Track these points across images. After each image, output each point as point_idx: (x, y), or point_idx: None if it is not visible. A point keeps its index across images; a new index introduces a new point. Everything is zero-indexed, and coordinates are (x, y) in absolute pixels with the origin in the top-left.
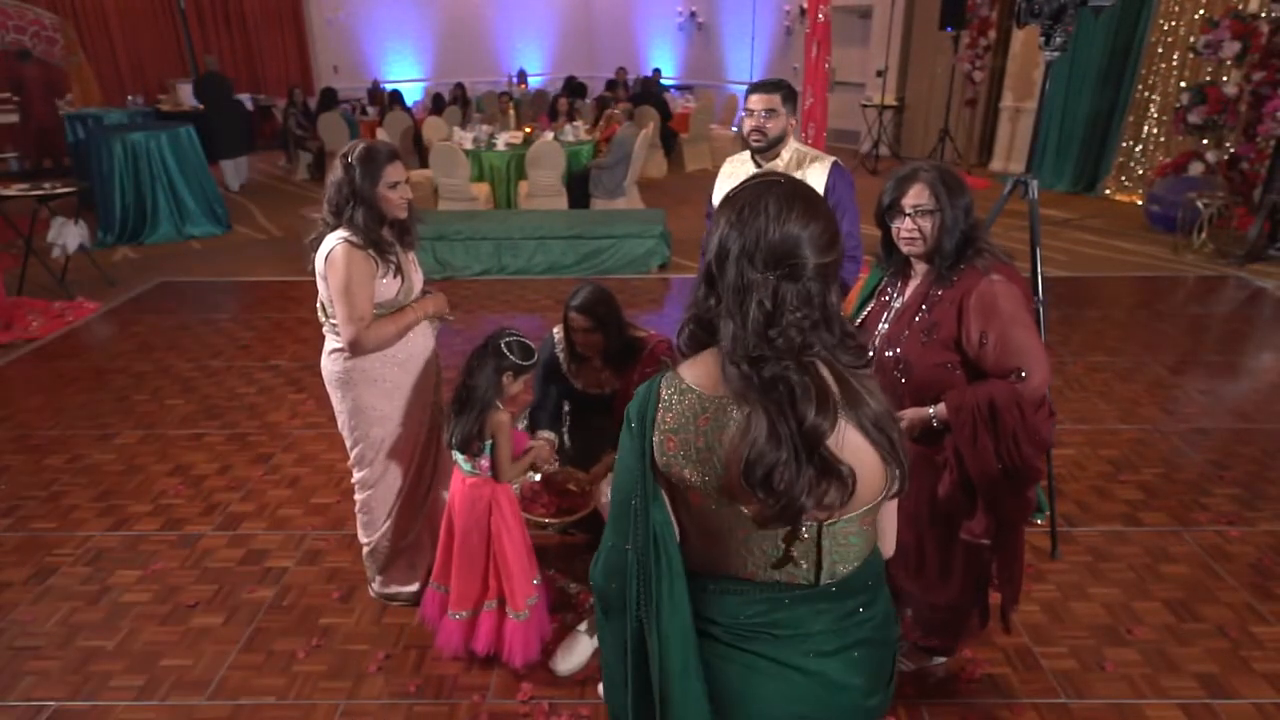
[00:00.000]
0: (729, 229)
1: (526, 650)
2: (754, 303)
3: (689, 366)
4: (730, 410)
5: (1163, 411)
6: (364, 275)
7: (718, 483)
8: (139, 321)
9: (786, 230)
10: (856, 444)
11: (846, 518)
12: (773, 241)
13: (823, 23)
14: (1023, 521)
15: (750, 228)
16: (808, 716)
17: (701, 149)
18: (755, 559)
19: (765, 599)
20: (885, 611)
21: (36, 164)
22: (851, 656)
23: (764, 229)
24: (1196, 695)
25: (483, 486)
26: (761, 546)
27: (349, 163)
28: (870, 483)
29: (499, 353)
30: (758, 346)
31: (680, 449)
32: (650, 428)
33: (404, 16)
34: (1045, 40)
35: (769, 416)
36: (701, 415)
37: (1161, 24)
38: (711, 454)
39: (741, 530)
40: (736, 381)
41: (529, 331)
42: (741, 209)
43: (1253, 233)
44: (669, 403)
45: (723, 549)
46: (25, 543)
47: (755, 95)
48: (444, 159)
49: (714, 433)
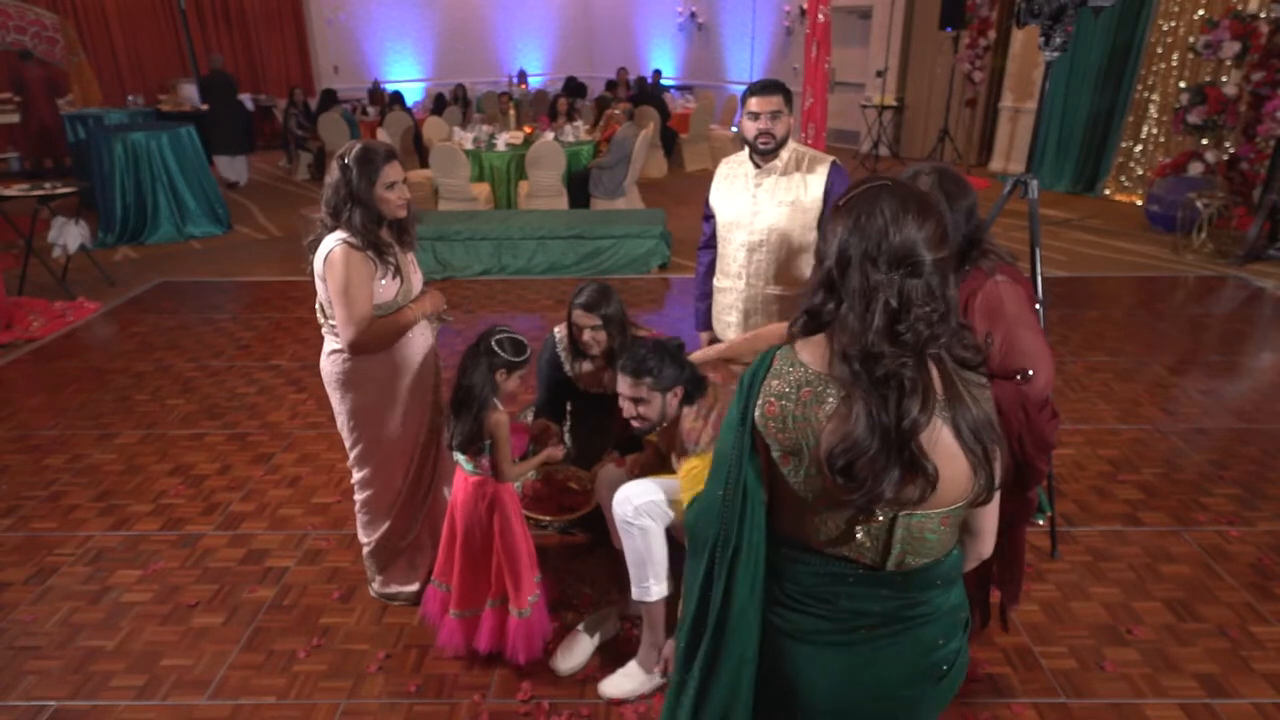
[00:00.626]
0: (848, 235)
1: (530, 648)
2: (880, 302)
3: (804, 345)
4: (831, 390)
5: (1163, 411)
6: (363, 277)
7: (808, 453)
8: (139, 321)
9: (905, 231)
10: (948, 445)
11: (924, 513)
12: (893, 243)
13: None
14: (1024, 522)
15: (870, 232)
16: (838, 689)
17: (701, 149)
18: (827, 530)
19: (829, 573)
20: (951, 615)
21: (37, 164)
22: (899, 645)
23: (884, 231)
24: (1196, 695)
25: (485, 485)
26: (835, 520)
27: (346, 164)
28: (955, 485)
29: (491, 351)
30: (878, 343)
31: (780, 415)
32: (757, 391)
33: (404, 17)
34: (1045, 40)
35: (870, 411)
36: (805, 388)
37: (1161, 24)
38: (807, 425)
39: (819, 501)
40: (846, 375)
41: (529, 332)
42: (859, 215)
43: (1252, 233)
44: (779, 371)
45: (799, 515)
46: (25, 543)
47: (758, 99)
48: (444, 159)
49: (812, 406)
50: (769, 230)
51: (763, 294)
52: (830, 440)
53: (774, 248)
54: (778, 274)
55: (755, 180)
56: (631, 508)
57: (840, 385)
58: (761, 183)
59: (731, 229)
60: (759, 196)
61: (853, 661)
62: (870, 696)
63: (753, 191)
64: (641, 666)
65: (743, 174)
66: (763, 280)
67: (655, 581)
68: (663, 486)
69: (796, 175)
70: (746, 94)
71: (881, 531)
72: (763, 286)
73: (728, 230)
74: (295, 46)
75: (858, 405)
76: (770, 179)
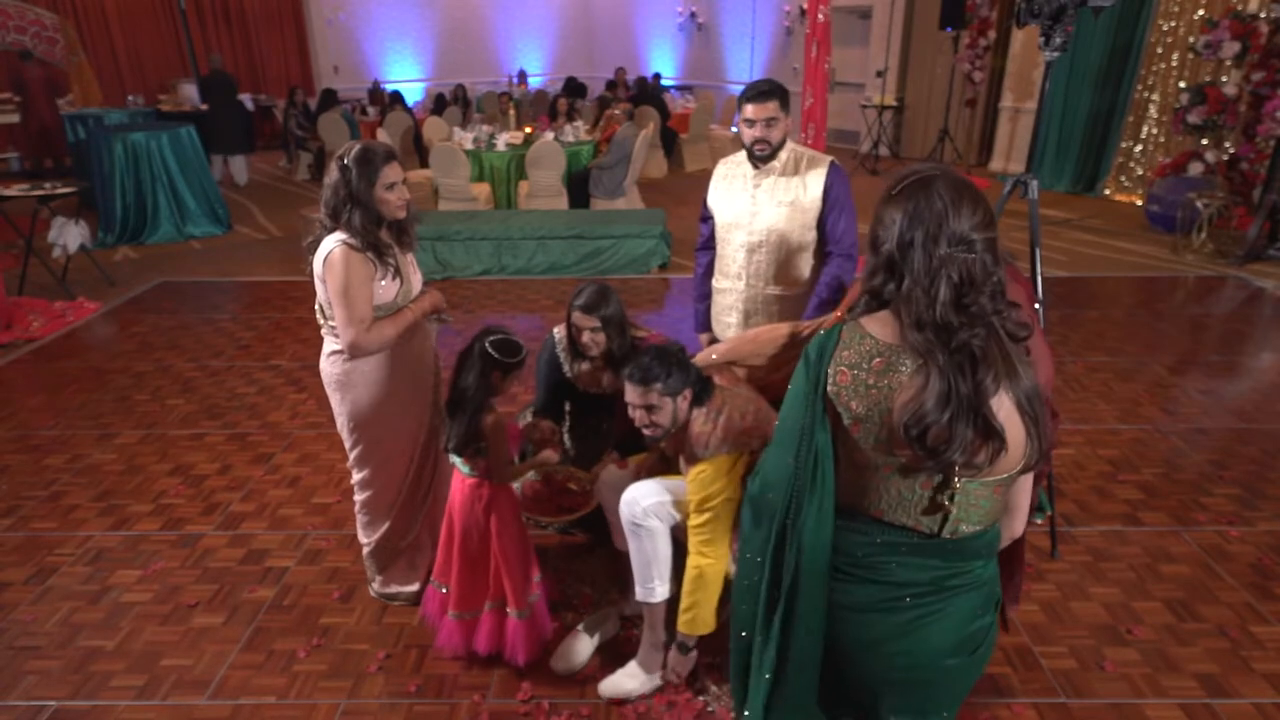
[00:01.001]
0: (909, 219)
1: (529, 649)
2: (944, 278)
3: (870, 320)
4: (904, 359)
5: (1163, 411)
6: (362, 278)
7: (880, 420)
8: (139, 321)
9: (961, 213)
10: (1009, 413)
11: (982, 480)
12: (951, 225)
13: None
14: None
15: (930, 215)
16: (885, 658)
17: (701, 149)
18: (889, 499)
19: (885, 542)
20: (989, 587)
21: (37, 164)
22: (943, 615)
23: (943, 214)
24: (1196, 695)
25: (482, 487)
26: (899, 488)
27: (345, 165)
28: (1014, 450)
29: (485, 353)
30: (947, 314)
31: (852, 383)
32: (828, 361)
33: (404, 17)
34: (1045, 40)
35: (946, 379)
36: (877, 358)
37: (1161, 24)
38: (880, 394)
39: (886, 468)
40: (922, 344)
41: (529, 332)
42: (918, 201)
43: (1252, 233)
44: (849, 342)
45: (864, 483)
46: (25, 543)
47: (752, 105)
48: (444, 159)
49: (886, 374)
50: (768, 231)
51: (763, 294)
52: (905, 407)
53: (773, 248)
54: (777, 274)
55: (754, 181)
56: (640, 508)
57: (915, 355)
58: (760, 183)
59: (730, 230)
60: (758, 197)
61: (899, 630)
62: (915, 664)
63: (751, 192)
64: (642, 667)
65: (741, 174)
66: (763, 281)
67: (660, 582)
68: (669, 488)
69: (795, 176)
70: (741, 99)
71: (943, 498)
72: (763, 287)
73: (727, 231)
74: (295, 46)
75: (933, 373)
76: (769, 180)
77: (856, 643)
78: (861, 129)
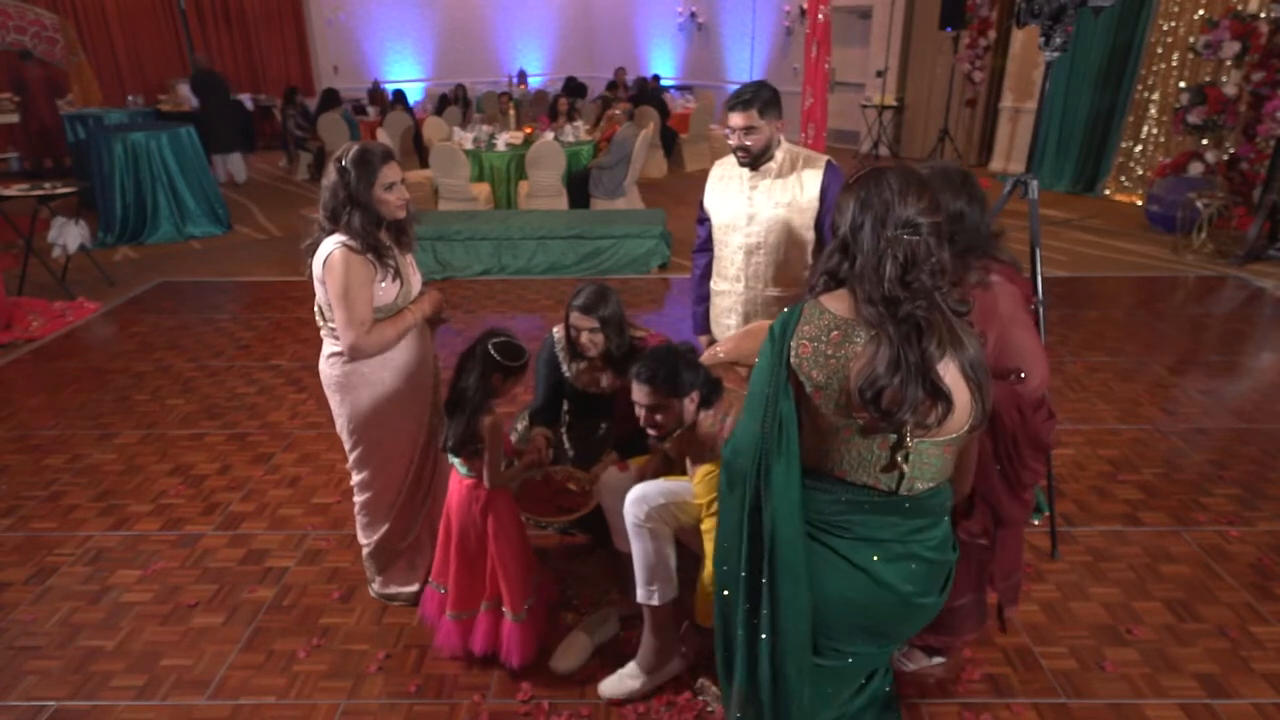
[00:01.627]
0: (859, 205)
1: (524, 651)
2: (889, 258)
3: (829, 298)
4: (858, 331)
5: (1163, 411)
6: (362, 280)
7: (839, 387)
8: (139, 321)
9: (907, 200)
10: (955, 378)
11: (932, 440)
12: (897, 210)
13: (823, 23)
14: (1021, 522)
15: (878, 202)
16: (862, 605)
17: (701, 149)
18: (850, 460)
19: (848, 501)
20: (944, 536)
21: (37, 164)
22: (909, 567)
23: (890, 201)
24: (1196, 695)
25: (479, 488)
26: (859, 449)
27: (343, 166)
28: (961, 412)
29: (487, 355)
30: (894, 289)
31: (813, 355)
32: (790, 335)
33: (404, 17)
34: (1045, 40)
35: (895, 347)
36: (834, 331)
37: (1161, 24)
38: (837, 363)
39: (846, 431)
40: (874, 316)
41: (529, 332)
42: (869, 190)
43: (1252, 233)
44: (809, 318)
45: (827, 446)
46: (25, 543)
47: (733, 113)
48: (444, 159)
49: (842, 345)
50: (767, 232)
51: (762, 296)
52: (860, 373)
53: (772, 250)
54: (777, 276)
55: (751, 183)
56: (644, 511)
57: (867, 327)
58: (758, 185)
59: (728, 232)
60: (755, 199)
61: (869, 579)
62: (889, 604)
63: (748, 194)
64: (642, 667)
65: (738, 176)
66: (762, 283)
67: (662, 584)
68: (674, 490)
69: (792, 176)
70: (725, 105)
71: (899, 456)
72: (762, 289)
73: (724, 233)
74: (295, 46)
75: (884, 342)
76: (766, 181)
77: (831, 593)
78: (861, 129)
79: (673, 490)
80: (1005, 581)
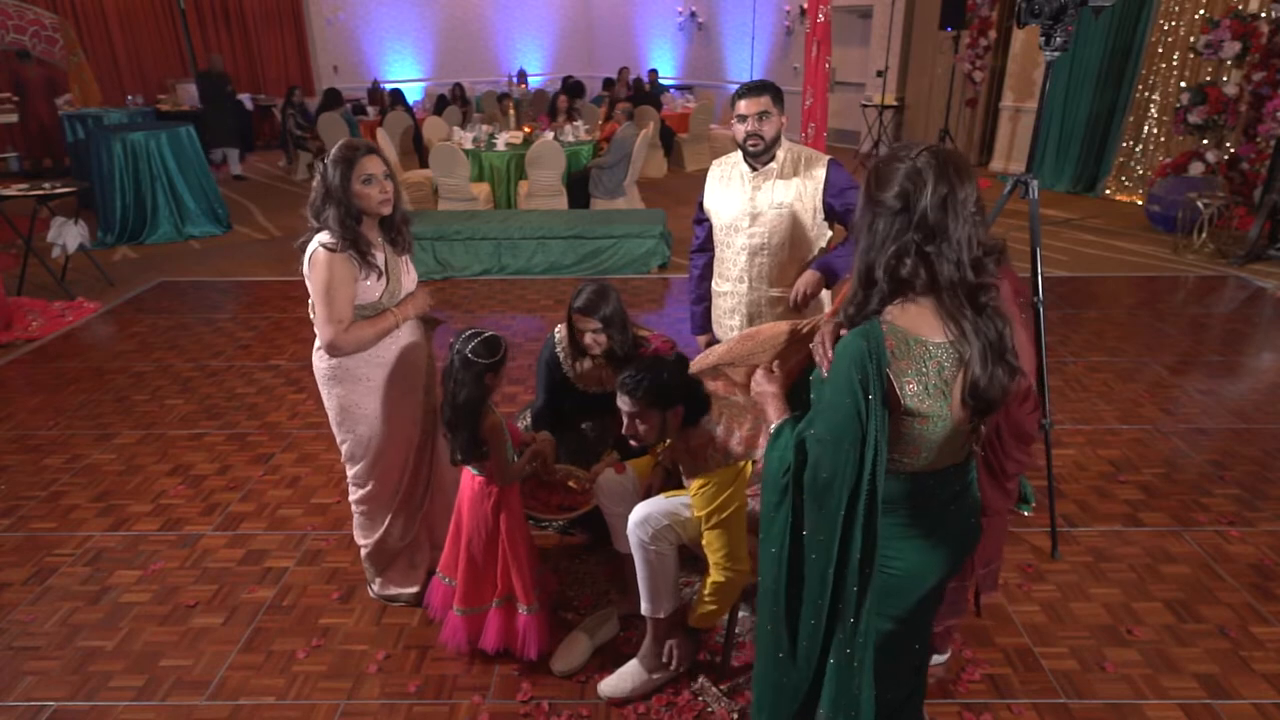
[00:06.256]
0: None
1: (540, 642)
2: (966, 247)
3: (902, 316)
4: (948, 351)
5: (1163, 411)
6: (344, 278)
7: (946, 410)
8: (139, 321)
9: (965, 188)
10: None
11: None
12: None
13: (823, 23)
14: (1004, 511)
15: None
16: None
17: (701, 149)
18: (940, 454)
19: (934, 484)
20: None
21: (36, 164)
22: (960, 514)
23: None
24: (1196, 695)
25: (491, 485)
26: (950, 444)
27: (324, 163)
28: None
29: (468, 361)
30: (970, 277)
31: (920, 391)
32: (884, 369)
33: (404, 16)
34: (1045, 40)
35: (983, 338)
36: (932, 360)
37: (1161, 24)
38: (943, 388)
39: (944, 434)
40: (957, 311)
41: (529, 332)
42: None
43: (1253, 233)
44: (903, 353)
45: (916, 453)
46: (25, 543)
47: (745, 100)
48: (444, 159)
49: (942, 372)
50: (770, 233)
51: (766, 297)
52: (963, 389)
53: (775, 250)
54: (780, 276)
55: (753, 183)
56: (649, 533)
57: (957, 346)
58: (760, 185)
59: (730, 232)
60: (757, 199)
61: (932, 541)
62: (948, 563)
63: (750, 194)
64: (642, 667)
65: (739, 175)
66: (765, 283)
67: (666, 599)
68: (675, 510)
69: (794, 176)
70: (734, 97)
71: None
72: (765, 289)
73: (726, 234)
74: (295, 46)
75: (975, 346)
76: (768, 181)
77: (905, 566)
78: (862, 129)
79: (674, 511)
80: (985, 569)
